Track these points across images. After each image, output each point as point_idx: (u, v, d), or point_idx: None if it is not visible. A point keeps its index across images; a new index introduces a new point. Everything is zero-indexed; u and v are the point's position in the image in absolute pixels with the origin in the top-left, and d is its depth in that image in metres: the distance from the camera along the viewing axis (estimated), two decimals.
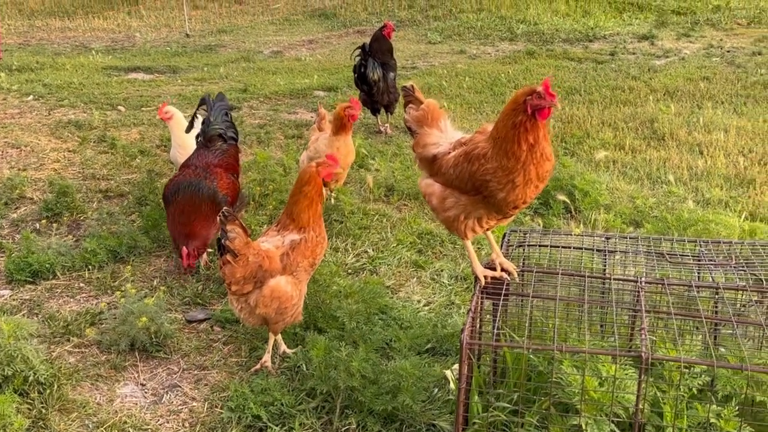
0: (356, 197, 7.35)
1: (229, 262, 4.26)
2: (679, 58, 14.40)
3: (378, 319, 4.89)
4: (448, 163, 3.73)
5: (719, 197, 7.28)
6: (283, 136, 9.86)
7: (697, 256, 4.24)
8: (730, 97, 11.16)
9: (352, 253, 6.19)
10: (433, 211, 3.91)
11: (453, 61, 14.82)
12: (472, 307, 3.41)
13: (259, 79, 13.30)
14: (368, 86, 9.88)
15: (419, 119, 4.01)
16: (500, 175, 3.49)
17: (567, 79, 12.65)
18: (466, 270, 5.81)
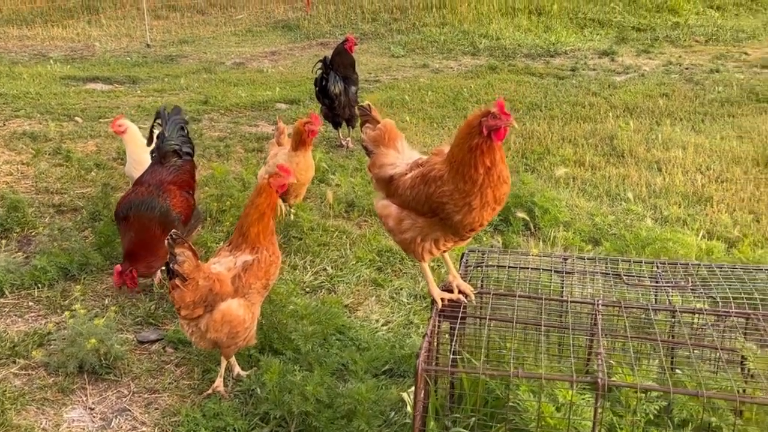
0: (316, 213, 7.27)
1: (179, 287, 4.15)
2: (639, 74, 14.55)
3: (335, 339, 4.81)
4: (404, 185, 3.68)
5: (677, 215, 7.32)
6: (243, 149, 9.75)
7: (655, 277, 4.23)
8: (689, 114, 11.28)
9: (311, 270, 6.11)
10: (389, 233, 3.85)
11: (416, 75, 14.81)
12: (428, 331, 3.36)
13: (221, 90, 13.16)
14: (329, 100, 9.82)
15: (376, 139, 3.95)
16: (457, 198, 3.45)
17: (528, 95, 12.70)
18: (425, 289, 5.76)
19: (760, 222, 7.14)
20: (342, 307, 5.41)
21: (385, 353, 4.64)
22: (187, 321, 4.27)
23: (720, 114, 11.22)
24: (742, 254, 6.10)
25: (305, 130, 6.54)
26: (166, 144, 5.89)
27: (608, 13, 19.49)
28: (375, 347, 4.72)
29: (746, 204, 7.60)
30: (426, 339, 3.30)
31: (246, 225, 4.41)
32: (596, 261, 4.39)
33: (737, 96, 12.13)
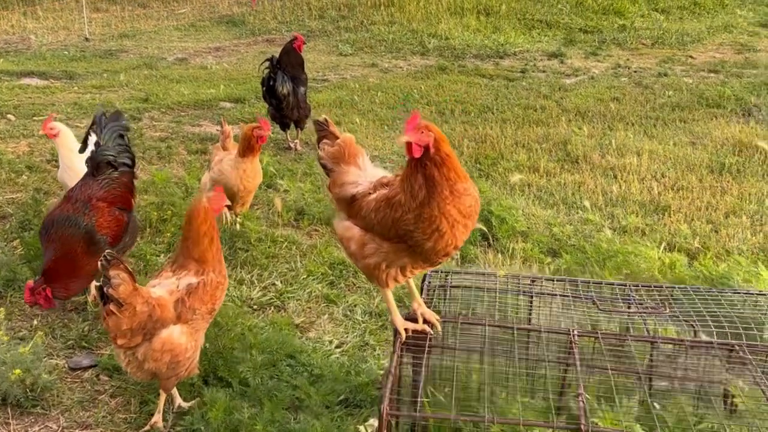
0: (263, 222, 6.90)
1: (114, 313, 3.75)
2: (589, 77, 14.46)
3: (286, 365, 4.46)
4: (368, 206, 3.35)
5: (636, 224, 7.15)
6: (185, 151, 9.31)
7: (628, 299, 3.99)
8: (640, 119, 11.19)
9: (259, 286, 5.74)
10: (349, 257, 3.51)
11: (365, 74, 14.49)
12: (391, 369, 3.04)
13: (162, 87, 12.66)
14: (277, 100, 9.45)
15: (335, 156, 3.61)
16: (425, 225, 3.14)
17: (479, 97, 12.49)
18: (380, 306, 5.45)
19: (719, 233, 7.00)
20: (293, 328, 5.06)
21: (340, 381, 4.31)
22: (123, 350, 3.88)
23: (671, 119, 11.16)
24: (704, 267, 5.93)
25: (254, 136, 6.16)
26: (100, 154, 5.39)
27: (555, 14, 19.42)
28: (329, 373, 4.38)
29: (704, 213, 7.47)
30: (389, 379, 2.98)
31: (198, 252, 4.04)
32: (566, 282, 4.13)
33: (687, 101, 12.09)
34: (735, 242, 6.74)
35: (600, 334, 3.45)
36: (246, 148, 6.21)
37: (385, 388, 2.90)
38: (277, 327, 4.94)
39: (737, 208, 7.55)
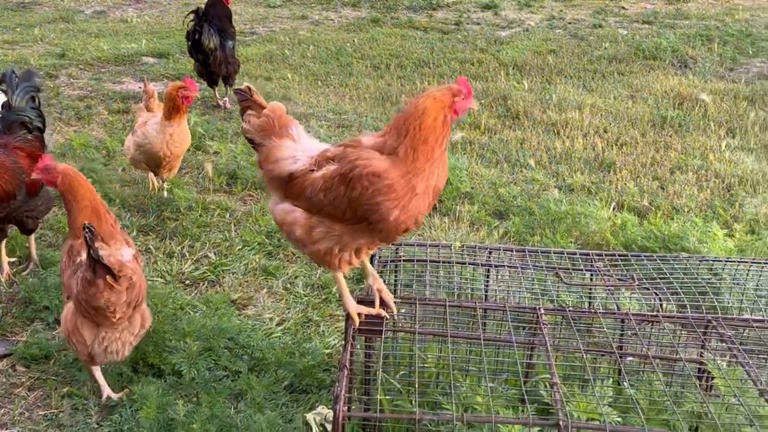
0: (193, 188, 6.44)
1: (113, 286, 3.42)
2: (524, 29, 14.21)
3: (224, 348, 4.08)
4: (315, 186, 2.91)
5: (581, 183, 6.94)
6: (106, 110, 8.72)
7: (591, 269, 3.75)
8: (578, 71, 11.00)
9: (190, 259, 5.32)
10: (294, 243, 3.07)
11: (295, 27, 13.94)
12: (345, 363, 2.71)
13: (80, 42, 11.91)
14: (203, 55, 8.90)
15: (263, 128, 3.12)
16: (399, 188, 2.74)
17: (415, 51, 12.10)
18: (323, 277, 5.11)
19: (665, 189, 6.85)
20: (229, 305, 4.68)
21: (283, 365, 3.96)
22: (106, 327, 3.58)
23: (609, 72, 10.99)
24: (654, 227, 5.76)
25: (179, 97, 5.67)
26: (13, 115, 4.90)
27: None
28: (272, 356, 4.02)
29: (649, 170, 7.31)
30: (343, 375, 2.65)
31: (105, 218, 3.70)
32: (526, 253, 3.86)
33: (624, 53, 11.95)
34: (683, 199, 6.59)
35: (568, 311, 3.18)
36: (171, 110, 5.72)
37: (340, 385, 2.57)
38: (212, 306, 4.55)
39: (682, 164, 7.41)
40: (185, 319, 4.16)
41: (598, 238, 5.65)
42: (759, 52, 12.25)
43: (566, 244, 5.47)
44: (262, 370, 3.95)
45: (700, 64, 11.36)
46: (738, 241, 5.49)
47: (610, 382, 3.14)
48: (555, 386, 2.62)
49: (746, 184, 6.93)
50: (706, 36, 12.97)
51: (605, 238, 5.62)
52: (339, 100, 9.55)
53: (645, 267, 3.77)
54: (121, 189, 6.30)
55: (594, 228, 5.71)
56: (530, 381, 3.21)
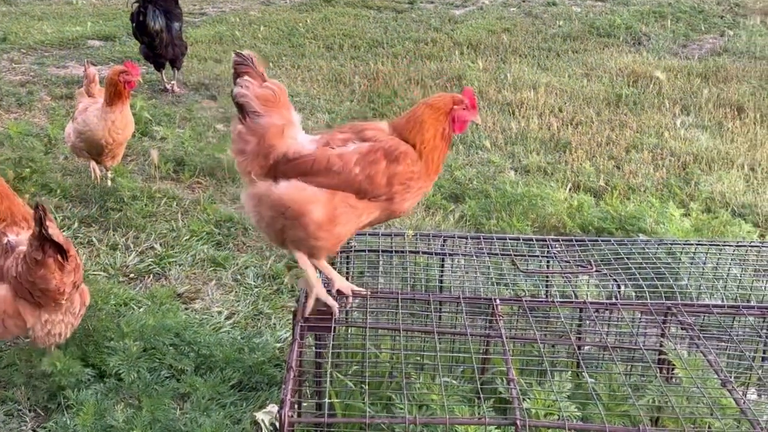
0: (138, 177, 6.21)
1: (62, 265, 3.32)
2: (478, 7, 14.10)
3: (169, 345, 3.90)
4: (348, 159, 2.78)
5: (537, 163, 6.85)
6: (49, 96, 8.42)
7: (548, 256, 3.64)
8: (533, 50, 10.92)
9: (135, 250, 5.11)
10: (299, 231, 2.79)
11: (245, 7, 13.64)
12: (291, 363, 2.56)
13: (22, 25, 11.54)
14: (149, 38, 8.61)
15: (268, 100, 2.83)
16: (422, 182, 2.89)
17: (368, 30, 11.92)
18: (274, 267, 4.94)
19: (621, 169, 6.79)
20: (175, 299, 4.49)
21: (232, 361, 3.80)
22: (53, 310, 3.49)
23: (564, 50, 10.93)
24: (611, 207, 5.69)
25: (121, 82, 5.42)
26: None
27: None
28: (219, 353, 3.85)
29: (605, 149, 7.25)
30: (289, 375, 2.50)
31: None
32: (481, 240, 3.74)
33: (578, 30, 11.90)
34: (639, 178, 6.54)
35: (524, 301, 3.07)
36: (113, 95, 5.47)
37: (286, 388, 2.43)
38: (157, 301, 4.36)
39: (638, 143, 7.36)
40: (125, 318, 3.96)
41: (555, 220, 5.56)
42: (711, 28, 12.30)
43: (523, 227, 5.38)
44: (210, 368, 3.78)
45: (653, 41, 11.35)
46: (695, 220, 5.44)
47: (569, 373, 3.03)
48: (512, 382, 2.51)
49: (701, 162, 6.90)
50: (659, 13, 12.98)
51: (562, 220, 5.54)
52: (291, 82, 9.33)
53: (602, 251, 3.67)
54: (62, 179, 6.04)
55: (550, 210, 5.62)
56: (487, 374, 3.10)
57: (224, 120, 7.80)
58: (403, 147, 2.84)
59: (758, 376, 3.34)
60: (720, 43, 11.42)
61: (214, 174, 6.32)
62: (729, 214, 5.74)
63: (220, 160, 6.35)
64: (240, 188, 6.09)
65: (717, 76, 9.53)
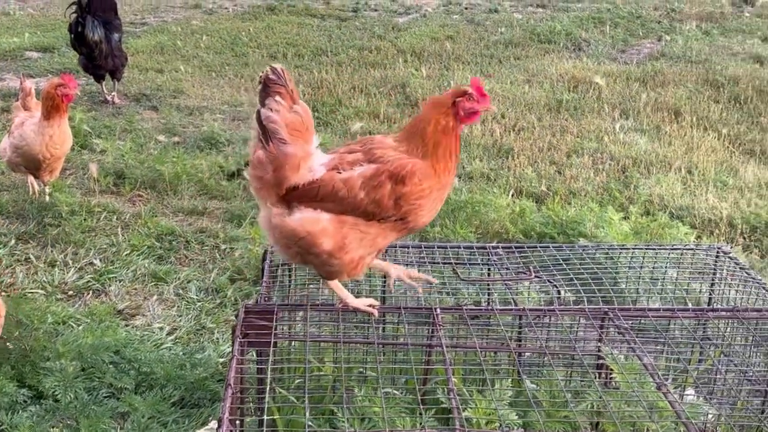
0: (77, 191, 6.09)
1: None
2: (421, 15, 14.20)
3: (109, 364, 3.82)
4: (351, 185, 2.74)
5: (481, 170, 6.91)
6: None
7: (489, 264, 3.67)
8: (476, 57, 11.03)
9: (74, 267, 5.01)
10: (314, 258, 2.79)
11: (188, 17, 13.52)
12: (230, 380, 2.53)
13: None
14: (88, 49, 8.49)
15: (296, 128, 2.72)
16: (435, 194, 2.82)
17: (312, 39, 11.91)
18: (217, 280, 4.89)
19: (562, 174, 6.89)
20: (115, 316, 4.42)
21: (173, 378, 3.74)
22: None
23: (506, 56, 11.06)
24: (552, 212, 5.76)
25: (58, 95, 5.32)
26: None
27: None
28: (160, 370, 3.79)
29: (546, 154, 7.34)
30: (228, 392, 2.47)
31: None
32: (422, 248, 3.75)
33: (520, 37, 12.06)
34: (579, 183, 6.64)
35: (465, 309, 3.08)
36: (50, 109, 5.36)
37: (224, 406, 2.40)
38: (96, 318, 4.28)
39: (578, 147, 7.48)
40: (63, 337, 3.88)
41: (498, 226, 5.61)
42: (649, 33, 12.57)
43: (466, 234, 5.41)
44: (151, 386, 3.72)
45: (593, 47, 11.55)
46: (634, 223, 5.54)
47: (509, 380, 3.06)
48: (452, 392, 2.51)
49: (640, 166, 7.03)
50: (598, 18, 13.23)
51: (505, 226, 5.58)
52: (234, 91, 9.28)
53: (542, 257, 3.72)
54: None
55: (493, 216, 5.66)
56: (429, 384, 3.11)
57: (165, 131, 7.72)
58: (409, 166, 2.76)
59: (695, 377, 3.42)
60: (657, 48, 11.67)
61: (155, 186, 6.24)
62: (667, 216, 5.85)
63: (161, 172, 6.27)
64: (181, 200, 6.05)
65: (655, 81, 9.73)
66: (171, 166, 6.37)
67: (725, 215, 5.98)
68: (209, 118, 8.20)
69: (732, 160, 7.22)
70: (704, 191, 6.46)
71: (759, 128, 8.06)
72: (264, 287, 3.26)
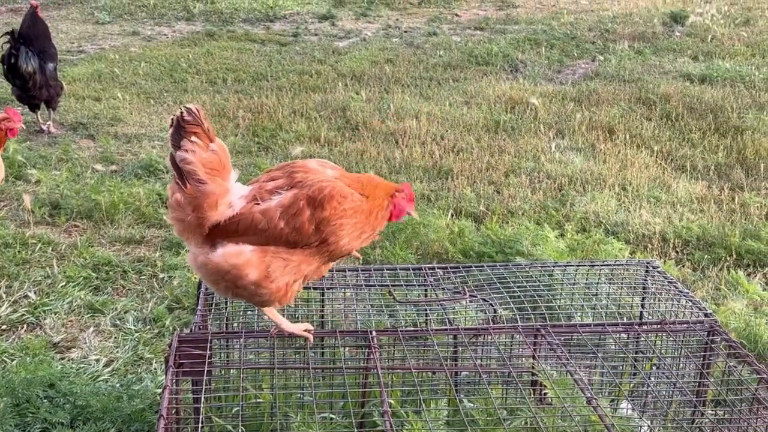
0: (11, 223, 5.98)
1: None
2: (361, 39, 14.28)
3: (43, 398, 3.75)
4: (270, 216, 2.75)
5: (421, 191, 6.98)
6: None
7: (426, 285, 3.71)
8: (415, 80, 11.13)
9: (7, 300, 4.91)
10: (243, 290, 2.81)
11: (126, 44, 13.39)
12: (162, 411, 2.51)
13: None
14: (21, 80, 8.37)
15: (213, 167, 2.73)
16: (358, 217, 2.87)
17: (252, 64, 11.90)
18: (155, 310, 4.84)
19: (501, 193, 6.99)
20: (50, 349, 4.34)
21: (109, 411, 3.69)
22: None
23: (445, 78, 11.19)
24: (491, 231, 5.85)
25: (2, 129, 5.23)
26: None
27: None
28: (96, 403, 3.73)
29: (485, 174, 7.44)
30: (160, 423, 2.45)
31: None
32: (359, 272, 3.78)
33: (458, 59, 12.21)
34: (517, 202, 6.74)
35: (400, 332, 3.11)
36: None
37: None
38: (30, 352, 4.20)
39: (516, 167, 7.60)
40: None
41: (438, 246, 5.67)
42: (583, 53, 12.84)
43: (406, 255, 5.46)
44: (86, 419, 3.66)
45: (529, 68, 11.76)
46: (569, 240, 5.65)
47: (446, 399, 3.09)
48: (386, 414, 2.53)
49: (576, 184, 7.18)
50: (535, 40, 13.46)
51: (444, 246, 5.65)
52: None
53: (477, 277, 3.77)
54: None
55: (433, 237, 5.72)
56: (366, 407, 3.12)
57: (103, 160, 7.63)
58: (328, 189, 2.80)
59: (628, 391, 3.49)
60: (592, 68, 11.94)
61: (91, 216, 6.16)
62: (602, 233, 5.99)
63: (97, 202, 6.20)
64: (118, 230, 5.98)
65: (589, 100, 9.94)
66: (108, 195, 6.30)
67: (658, 230, 6.13)
68: (147, 145, 8.14)
69: (664, 176, 7.41)
70: (638, 207, 6.62)
71: (690, 144, 8.29)
72: (199, 316, 3.25)
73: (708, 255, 5.80)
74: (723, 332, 3.20)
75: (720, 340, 3.21)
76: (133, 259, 5.55)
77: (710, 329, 3.23)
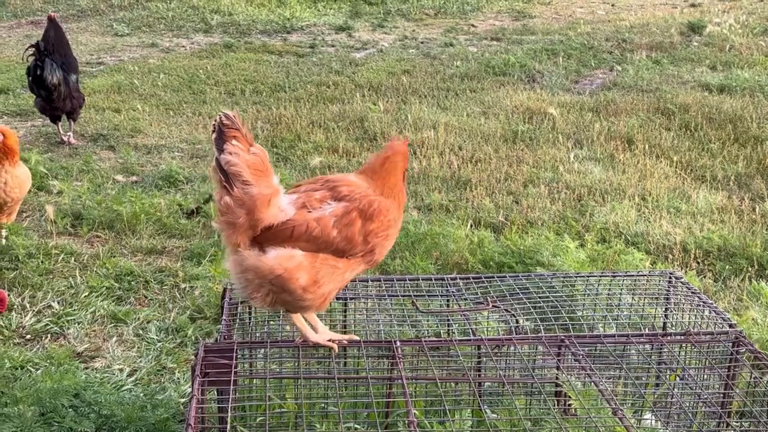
0: (34, 233, 6.04)
1: None
2: (378, 50, 14.33)
3: (69, 408, 3.78)
4: (326, 224, 2.85)
5: (439, 202, 6.99)
6: None
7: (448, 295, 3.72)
8: (432, 90, 11.16)
9: (31, 310, 4.95)
10: (288, 295, 2.85)
11: (144, 56, 13.50)
12: (190, 420, 2.53)
13: None
14: (46, 91, 8.45)
15: (258, 168, 2.78)
16: (396, 227, 3.08)
17: (270, 75, 11.96)
18: (177, 320, 4.87)
19: (519, 204, 6.99)
20: (74, 359, 4.37)
21: (134, 421, 3.71)
22: None
23: (462, 89, 11.21)
24: (510, 242, 5.84)
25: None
26: None
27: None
28: (120, 412, 3.75)
29: (503, 185, 7.45)
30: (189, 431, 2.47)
31: None
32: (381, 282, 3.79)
33: (475, 70, 12.23)
34: (536, 212, 6.74)
35: (424, 342, 3.12)
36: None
37: None
38: (55, 361, 4.24)
39: (534, 177, 7.60)
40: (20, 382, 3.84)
41: (457, 257, 5.67)
42: (600, 63, 12.82)
43: (426, 265, 5.46)
44: (111, 429, 3.69)
45: (546, 78, 11.76)
46: (590, 251, 5.64)
47: (470, 410, 3.10)
48: (411, 424, 2.54)
49: (595, 194, 7.17)
50: (552, 50, 13.47)
51: (464, 256, 5.65)
52: (192, 129, 9.28)
53: (500, 287, 3.78)
54: None
55: (452, 247, 5.73)
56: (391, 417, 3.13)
57: (123, 171, 7.70)
58: (376, 204, 2.94)
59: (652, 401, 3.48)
60: (609, 78, 11.92)
61: (113, 227, 6.21)
62: (622, 243, 5.97)
63: (119, 212, 6.25)
64: (140, 240, 6.02)
65: (607, 110, 9.93)
66: (129, 205, 6.35)
67: (679, 241, 6.11)
68: (167, 156, 8.20)
69: (684, 187, 7.38)
70: (658, 217, 6.60)
71: (709, 154, 8.26)
72: (224, 325, 3.27)
73: (729, 265, 5.77)
74: (748, 343, 3.19)
75: (745, 350, 3.20)
76: (154, 269, 5.59)
77: (735, 340, 3.22)
